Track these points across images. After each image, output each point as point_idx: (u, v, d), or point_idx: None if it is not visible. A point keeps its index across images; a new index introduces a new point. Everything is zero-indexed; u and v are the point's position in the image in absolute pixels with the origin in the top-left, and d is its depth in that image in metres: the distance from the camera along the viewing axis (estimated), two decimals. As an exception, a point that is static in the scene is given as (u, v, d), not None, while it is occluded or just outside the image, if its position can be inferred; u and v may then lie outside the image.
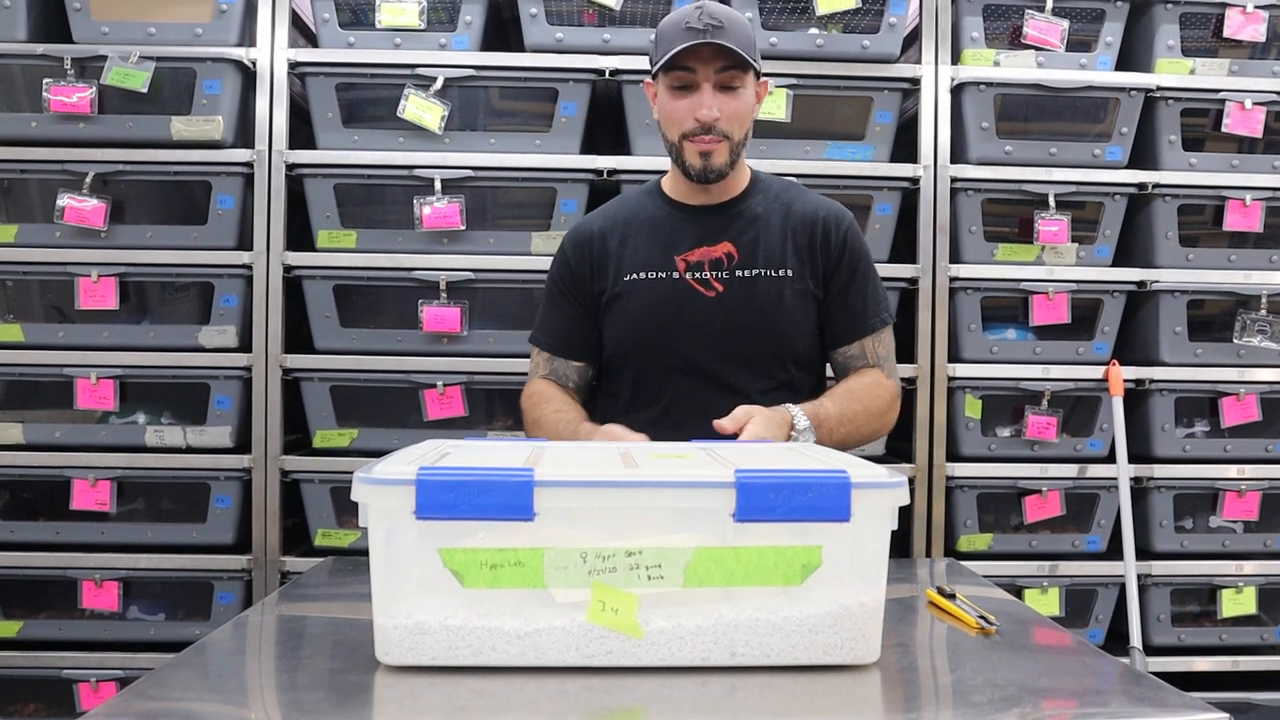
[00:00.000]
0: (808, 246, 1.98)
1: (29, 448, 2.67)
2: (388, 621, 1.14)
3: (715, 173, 1.92)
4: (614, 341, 2.00)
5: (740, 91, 1.90)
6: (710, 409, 1.87)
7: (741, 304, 1.94)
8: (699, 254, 1.96)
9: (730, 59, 1.85)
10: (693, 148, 1.90)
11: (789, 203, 2.02)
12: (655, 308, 1.95)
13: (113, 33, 2.68)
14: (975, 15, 2.77)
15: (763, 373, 1.95)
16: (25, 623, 2.67)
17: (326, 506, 2.68)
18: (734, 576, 1.14)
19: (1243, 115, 2.78)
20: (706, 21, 1.83)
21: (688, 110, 1.88)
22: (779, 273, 1.96)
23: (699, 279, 1.95)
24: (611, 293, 1.99)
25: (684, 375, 1.94)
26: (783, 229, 1.98)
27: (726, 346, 1.93)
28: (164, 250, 2.67)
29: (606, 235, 2.02)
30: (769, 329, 1.94)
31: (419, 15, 2.69)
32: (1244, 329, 2.80)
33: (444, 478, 1.11)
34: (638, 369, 1.98)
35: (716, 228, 1.98)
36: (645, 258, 1.97)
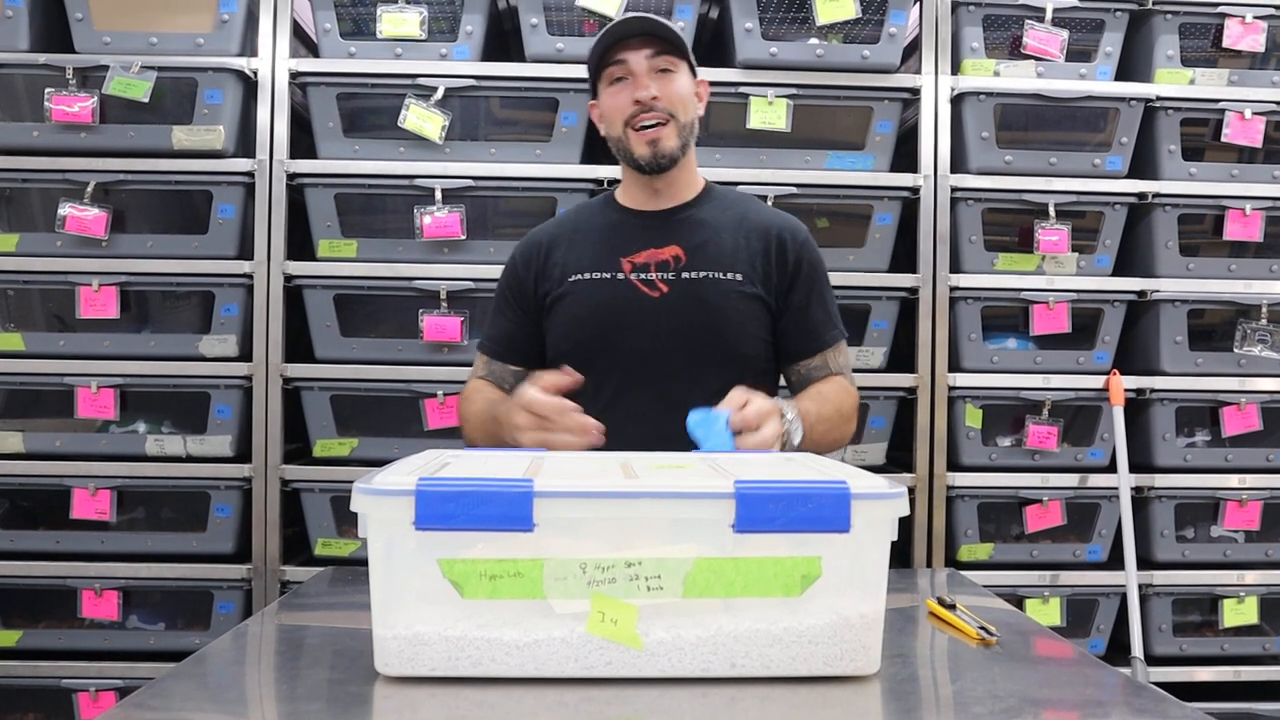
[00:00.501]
0: (762, 254, 1.97)
1: (29, 456, 2.67)
2: (387, 632, 1.13)
3: (666, 157, 1.92)
4: (556, 342, 1.99)
5: (676, 75, 1.93)
6: (651, 411, 1.87)
7: (686, 304, 1.92)
8: (646, 255, 1.96)
9: (660, 44, 1.90)
10: (639, 137, 1.91)
11: (743, 212, 2.03)
12: (598, 307, 1.94)
13: (114, 43, 2.69)
14: (975, 25, 2.78)
15: (706, 375, 1.90)
16: (25, 632, 2.66)
17: (327, 516, 2.67)
18: (733, 587, 1.14)
19: (1242, 125, 2.78)
20: (631, 18, 1.90)
21: (626, 98, 1.91)
22: (728, 275, 1.95)
23: (644, 279, 1.94)
24: (555, 294, 1.98)
25: (625, 375, 1.93)
26: (735, 235, 1.98)
27: (669, 347, 1.92)
28: (165, 259, 2.67)
29: (555, 241, 2.03)
30: (714, 330, 1.92)
31: (420, 25, 2.70)
32: (1244, 338, 2.80)
33: (444, 488, 1.11)
34: (578, 369, 1.93)
35: (666, 232, 1.98)
36: (591, 259, 1.97)
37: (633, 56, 1.90)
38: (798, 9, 2.72)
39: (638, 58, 1.90)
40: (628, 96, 1.91)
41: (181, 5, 2.71)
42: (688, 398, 1.85)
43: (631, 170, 1.99)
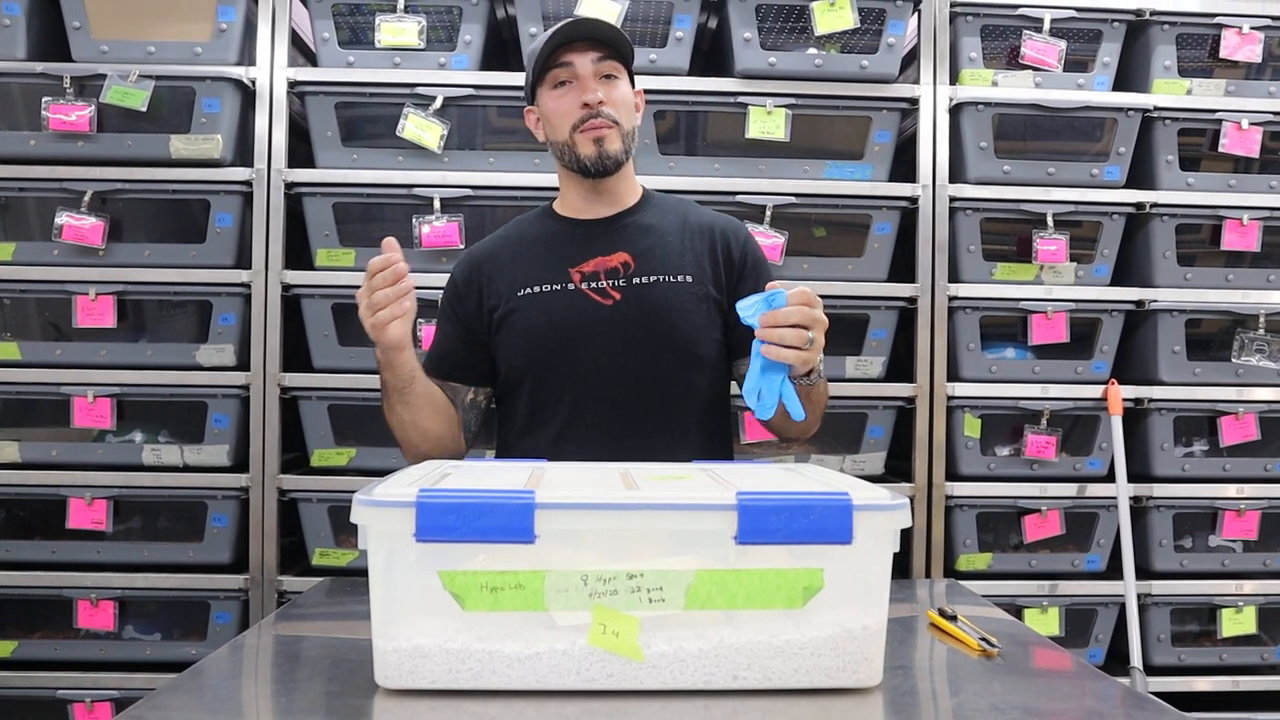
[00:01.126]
0: (708, 253, 1.97)
1: (25, 466, 2.66)
2: (387, 644, 1.13)
3: (611, 159, 1.91)
4: (509, 358, 1.96)
5: (619, 81, 1.92)
6: (612, 419, 1.86)
7: (640, 310, 1.91)
8: (594, 264, 1.94)
9: (604, 50, 1.89)
10: (585, 137, 1.90)
11: (684, 215, 2.03)
12: (551, 320, 1.92)
13: (112, 51, 2.68)
14: (973, 35, 2.78)
15: (664, 379, 1.91)
16: (20, 642, 2.65)
17: (324, 526, 2.67)
18: (735, 599, 1.14)
19: (1239, 135, 2.79)
20: (579, 20, 1.89)
21: (573, 101, 1.89)
22: (678, 278, 1.94)
23: (595, 288, 1.93)
24: (504, 310, 1.95)
25: (584, 387, 1.90)
26: (680, 237, 1.98)
27: (626, 354, 1.90)
28: (162, 269, 2.67)
29: (496, 255, 2.01)
30: (669, 334, 1.91)
31: (418, 35, 2.70)
32: (1242, 348, 2.80)
33: (444, 500, 1.10)
34: (534, 385, 1.94)
35: (611, 239, 1.97)
36: (538, 272, 1.95)
37: (579, 60, 1.89)
38: (796, 19, 2.73)
39: (584, 61, 1.89)
40: (574, 100, 1.89)
41: (179, 14, 2.70)
42: (646, 403, 1.85)
43: (574, 176, 1.97)
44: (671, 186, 2.63)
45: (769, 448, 2.73)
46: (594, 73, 1.89)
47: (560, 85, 1.91)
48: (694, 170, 2.72)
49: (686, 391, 1.92)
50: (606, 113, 1.88)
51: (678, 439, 1.90)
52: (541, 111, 1.96)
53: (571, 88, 1.90)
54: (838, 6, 2.68)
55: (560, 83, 1.91)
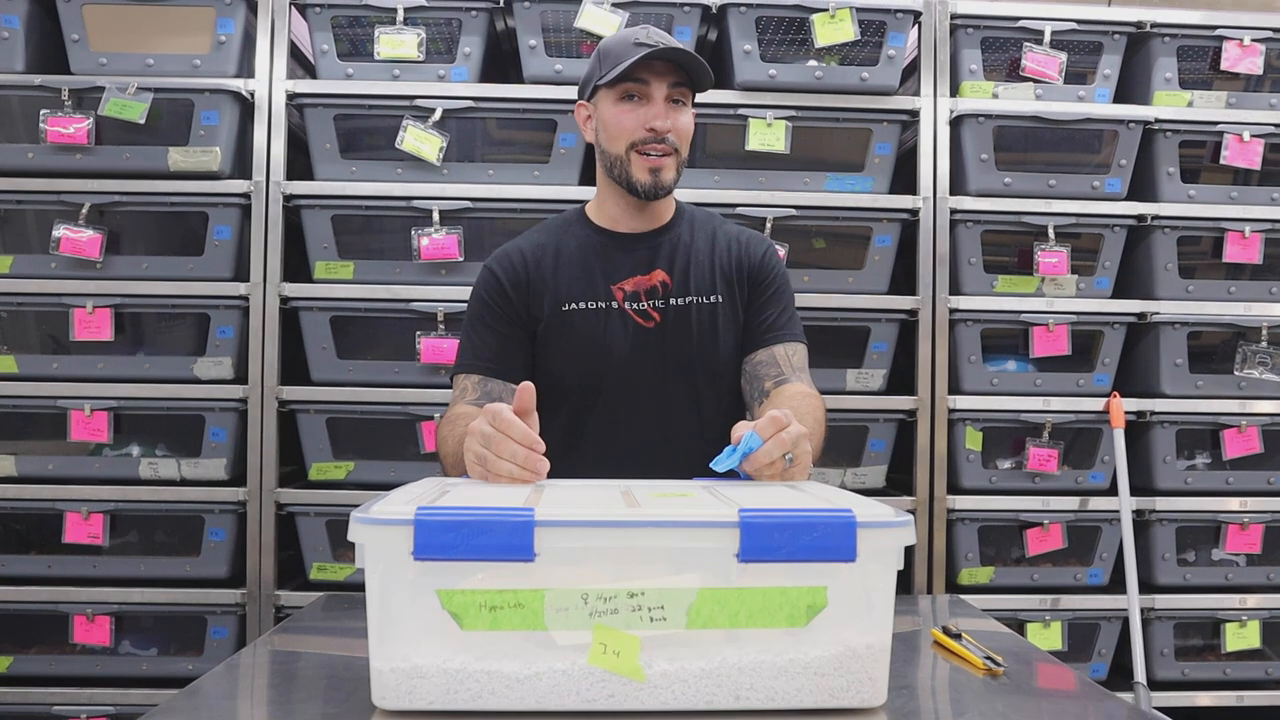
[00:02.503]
0: (735, 271, 1.98)
1: (21, 480, 2.64)
2: (384, 665, 1.11)
3: (665, 189, 1.90)
4: (552, 374, 1.92)
5: (686, 109, 1.91)
6: (651, 438, 1.85)
7: (678, 333, 1.92)
8: (634, 283, 1.94)
9: (682, 75, 1.86)
10: (643, 162, 1.87)
11: (713, 230, 2.02)
12: (596, 340, 1.91)
13: (111, 64, 2.68)
14: (974, 48, 2.78)
15: (698, 399, 1.93)
16: (15, 658, 2.63)
17: (322, 540, 2.65)
18: (738, 618, 1.12)
19: (1241, 147, 2.78)
20: (656, 38, 1.85)
21: (639, 120, 1.86)
22: (710, 299, 1.95)
23: (637, 309, 1.93)
24: (548, 322, 1.92)
25: (625, 405, 1.91)
26: (710, 255, 1.98)
27: (665, 376, 1.91)
28: (160, 281, 2.65)
29: (538, 260, 1.96)
30: (704, 356, 1.93)
31: (417, 47, 2.69)
32: (1245, 361, 2.79)
33: (443, 518, 1.09)
34: (576, 403, 1.92)
35: (648, 256, 1.96)
36: (582, 287, 1.93)
37: (655, 81, 1.86)
38: (796, 31, 2.72)
39: (659, 84, 1.86)
40: (640, 119, 1.86)
41: (178, 26, 2.70)
42: (682, 422, 1.84)
43: (618, 189, 1.94)
44: (671, 199, 2.62)
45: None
46: (666, 95, 1.87)
47: (629, 98, 1.87)
48: (694, 182, 2.71)
49: (716, 409, 1.95)
50: (670, 140, 1.87)
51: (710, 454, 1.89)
52: (600, 116, 1.92)
53: (640, 104, 1.87)
54: (838, 18, 2.68)
55: (630, 95, 1.87)
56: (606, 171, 1.94)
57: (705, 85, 1.91)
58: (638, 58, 1.81)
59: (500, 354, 1.93)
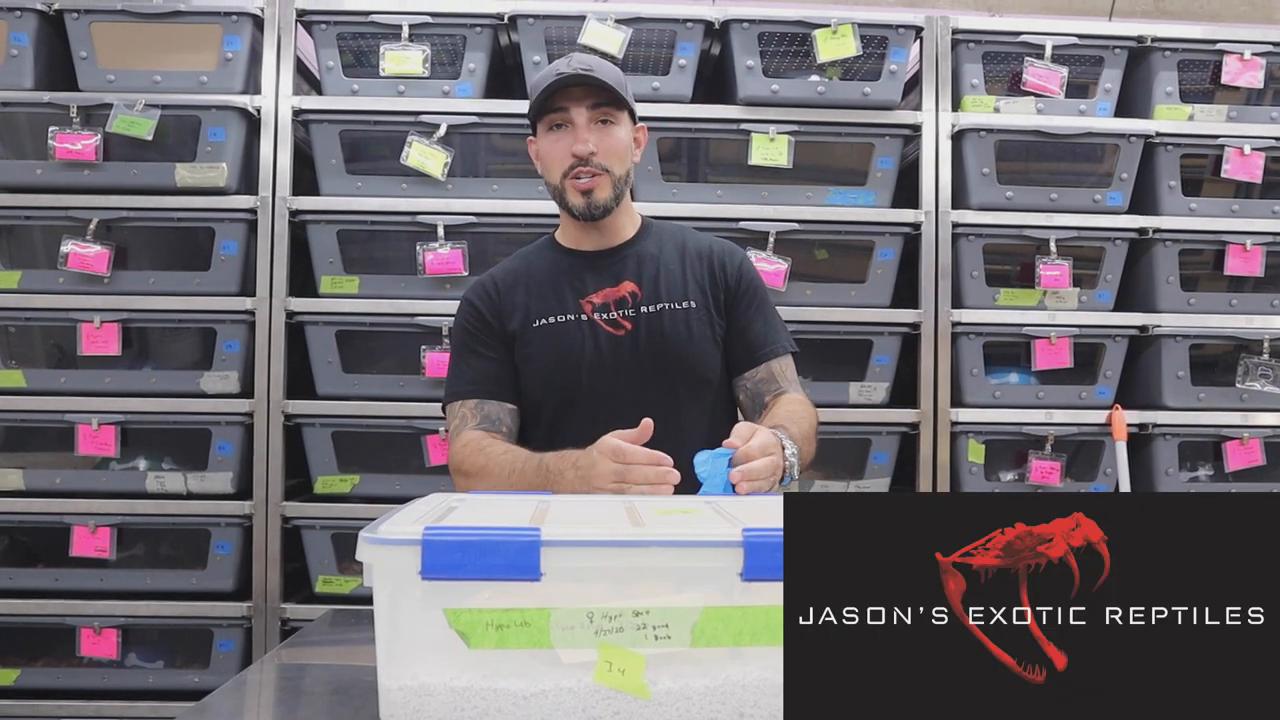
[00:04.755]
0: (708, 277, 2.00)
1: (29, 494, 2.66)
2: (392, 683, 1.12)
3: (600, 208, 1.92)
4: (527, 390, 1.97)
5: (615, 128, 1.92)
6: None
7: (650, 339, 1.94)
8: (602, 295, 1.96)
9: (601, 96, 1.89)
10: (574, 186, 1.91)
11: (683, 241, 2.05)
12: (566, 352, 1.94)
13: (118, 81, 2.70)
14: (975, 62, 2.79)
15: (676, 405, 1.94)
16: (22, 671, 2.64)
17: (328, 553, 2.66)
18: (742, 636, 1.13)
19: (1242, 160, 2.79)
20: (576, 66, 1.88)
21: (564, 149, 1.90)
22: (682, 304, 1.97)
23: (607, 319, 1.95)
24: (521, 340, 1.97)
25: (601, 415, 1.89)
26: (681, 264, 2.00)
27: (641, 383, 1.93)
28: (167, 296, 2.67)
29: (510, 285, 2.01)
30: (680, 360, 1.94)
31: (422, 63, 2.71)
32: (1246, 373, 2.80)
33: (450, 538, 1.10)
34: (553, 417, 1.95)
35: (616, 269, 1.99)
36: (551, 304, 1.97)
37: (574, 108, 1.89)
38: (799, 46, 2.74)
39: (579, 109, 1.89)
40: (565, 147, 1.90)
41: (185, 43, 2.72)
42: (664, 429, 1.84)
43: (569, 216, 1.98)
44: (674, 213, 2.64)
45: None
46: (589, 119, 1.89)
47: (556, 128, 1.92)
48: (697, 197, 2.73)
49: (699, 415, 1.96)
50: (596, 163, 1.89)
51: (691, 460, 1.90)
52: (538, 150, 1.98)
53: (565, 133, 1.90)
54: (840, 34, 2.69)
55: (557, 125, 1.92)
56: (554, 200, 1.99)
57: (627, 103, 1.93)
58: (548, 84, 1.87)
59: (490, 377, 1.98)
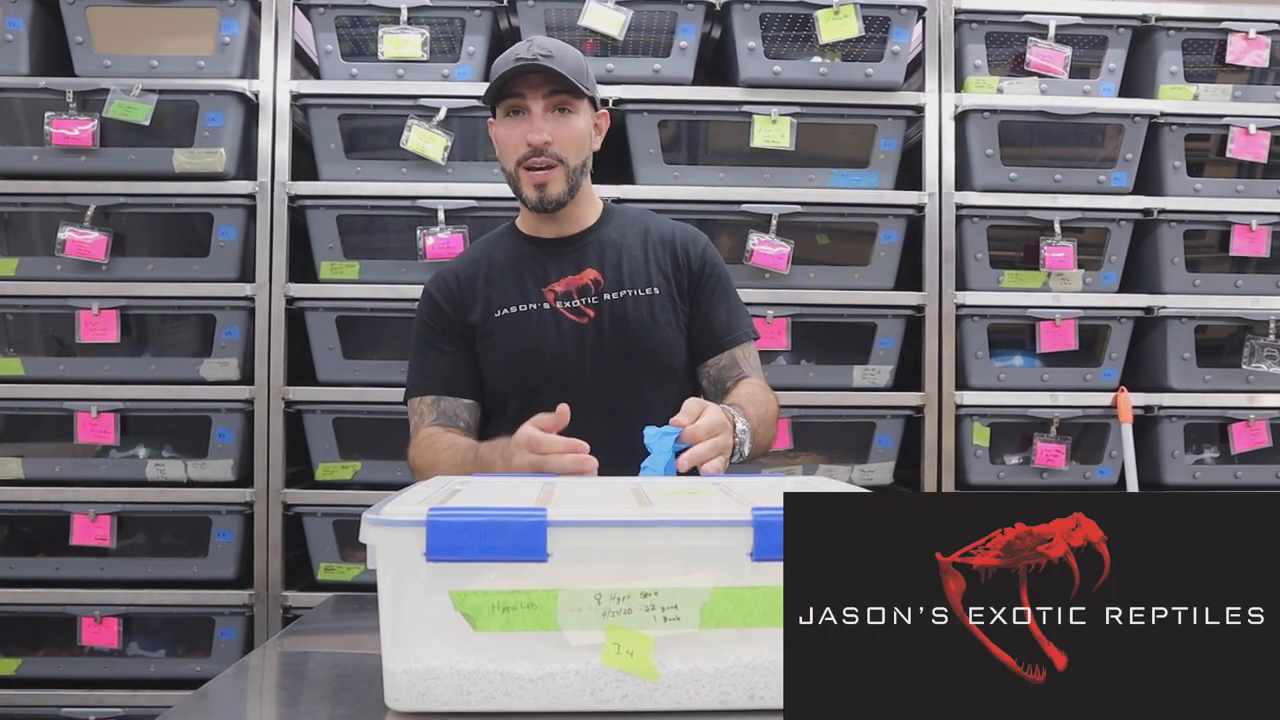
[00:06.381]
0: (671, 263, 1.98)
1: (28, 482, 2.65)
2: (397, 666, 1.11)
3: (553, 202, 1.90)
4: (492, 380, 1.96)
5: (573, 116, 1.90)
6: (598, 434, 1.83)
7: (614, 326, 1.92)
8: (565, 283, 1.94)
9: (558, 83, 1.86)
10: (528, 178, 1.89)
11: (645, 226, 2.03)
12: (530, 341, 1.92)
13: (115, 66, 2.68)
14: (978, 43, 2.77)
15: (641, 392, 1.92)
16: (23, 660, 2.63)
17: (329, 540, 2.65)
18: (752, 617, 1.12)
19: (1247, 140, 2.77)
20: (536, 51, 1.85)
21: (520, 136, 1.87)
22: (646, 291, 1.95)
23: (570, 307, 1.93)
24: (483, 330, 1.95)
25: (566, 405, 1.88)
26: (643, 250, 1.98)
27: (605, 370, 1.91)
28: (165, 283, 2.66)
29: (471, 276, 1.98)
30: (643, 347, 1.93)
31: (421, 46, 2.69)
32: (1252, 354, 2.78)
33: (455, 518, 1.08)
34: (519, 407, 1.91)
35: (577, 257, 1.97)
36: (513, 293, 1.95)
37: (530, 94, 1.86)
38: (800, 27, 2.72)
39: (535, 96, 1.86)
40: (521, 134, 1.87)
41: (182, 28, 2.70)
42: (626, 416, 1.83)
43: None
44: (676, 196, 2.62)
45: (774, 457, 2.71)
46: (545, 107, 1.87)
47: (514, 114, 1.89)
48: (699, 180, 2.71)
49: (664, 402, 1.91)
50: (551, 153, 1.87)
51: None
52: (494, 134, 1.95)
53: (521, 119, 1.88)
54: (842, 14, 2.67)
55: (513, 110, 1.89)
56: (509, 186, 1.97)
57: (587, 92, 1.90)
58: (504, 71, 1.84)
59: (448, 373, 1.97)
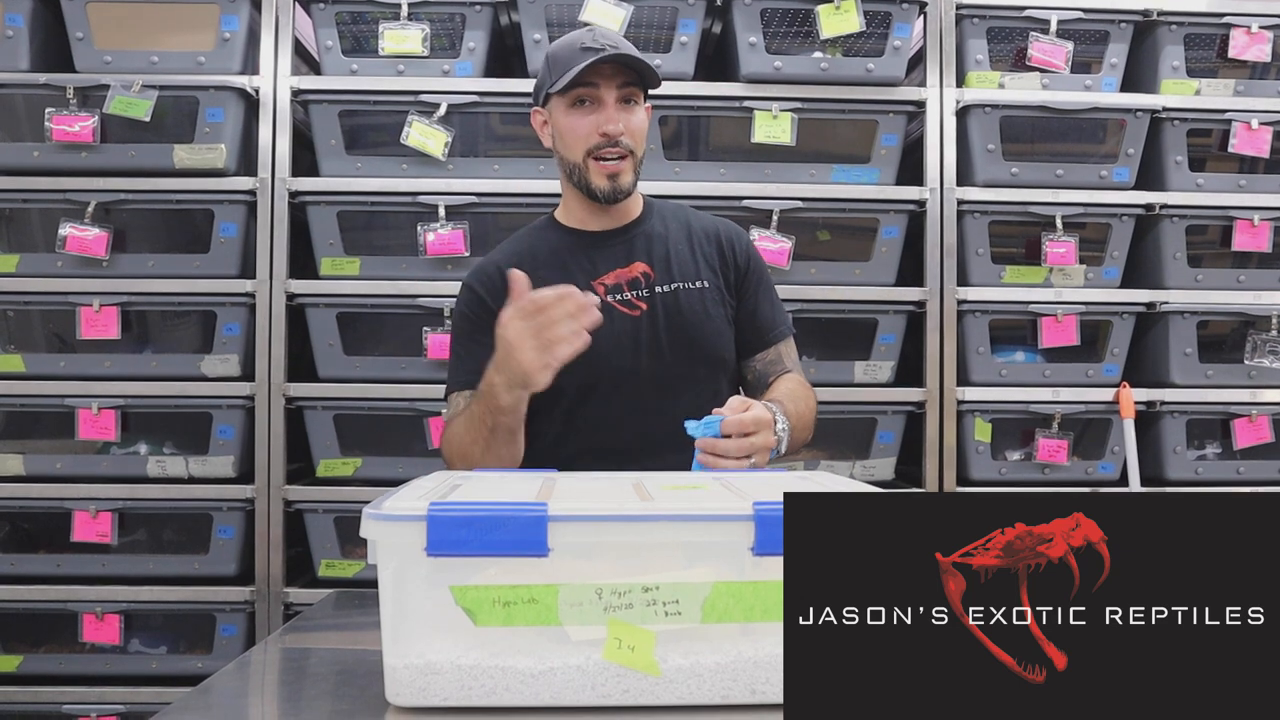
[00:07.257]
0: (717, 257, 1.98)
1: (30, 479, 2.64)
2: (398, 661, 1.11)
3: (623, 193, 1.90)
4: None
5: (637, 108, 1.90)
6: (651, 426, 1.84)
7: (667, 318, 1.91)
8: (614, 276, 1.93)
9: (630, 75, 1.86)
10: (599, 168, 1.87)
11: (687, 220, 2.03)
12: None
13: (115, 62, 2.67)
14: (979, 38, 2.76)
15: (694, 385, 1.91)
16: (25, 657, 2.63)
17: (330, 537, 2.65)
18: (753, 612, 1.12)
19: (1249, 135, 2.77)
20: (603, 41, 1.84)
21: (592, 126, 1.86)
22: (695, 284, 1.95)
23: (621, 300, 1.92)
24: None
25: (620, 398, 1.89)
26: (689, 244, 1.98)
27: (659, 363, 1.90)
28: (166, 279, 2.65)
29: (515, 269, 1.93)
30: (696, 339, 1.92)
31: (422, 42, 2.68)
32: (1255, 350, 2.78)
33: (456, 513, 1.08)
34: (570, 401, 1.90)
35: (625, 250, 1.96)
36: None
37: (604, 84, 1.85)
38: (801, 23, 2.71)
39: (609, 86, 1.85)
40: (593, 124, 1.85)
41: (183, 24, 2.69)
42: (683, 408, 1.83)
43: (581, 194, 1.94)
44: (677, 192, 2.62)
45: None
46: (617, 98, 1.86)
47: (581, 104, 1.87)
48: (700, 175, 2.71)
49: (715, 395, 1.91)
50: (624, 143, 1.86)
51: None
52: (555, 124, 1.92)
53: (591, 109, 1.86)
54: (843, 10, 2.66)
55: (581, 100, 1.87)
56: (567, 177, 1.95)
57: (654, 83, 1.91)
58: (586, 63, 1.81)
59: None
